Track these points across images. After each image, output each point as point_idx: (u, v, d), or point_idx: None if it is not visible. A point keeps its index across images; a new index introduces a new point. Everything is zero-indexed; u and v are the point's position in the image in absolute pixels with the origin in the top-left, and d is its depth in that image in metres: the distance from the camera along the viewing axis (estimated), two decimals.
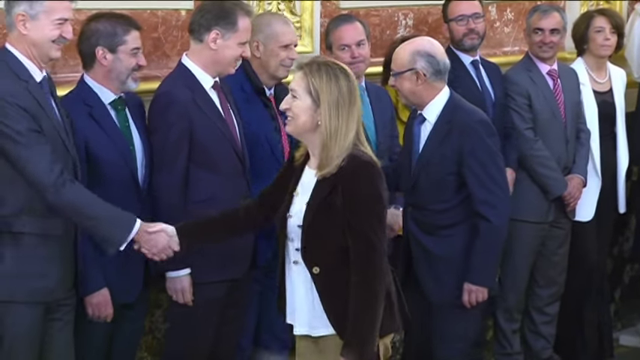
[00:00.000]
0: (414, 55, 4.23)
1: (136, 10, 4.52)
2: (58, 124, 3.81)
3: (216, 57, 4.29)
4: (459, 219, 4.30)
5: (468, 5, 5.39)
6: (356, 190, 3.46)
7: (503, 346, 5.79)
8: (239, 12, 4.31)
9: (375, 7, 5.40)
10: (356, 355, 3.45)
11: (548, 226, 5.64)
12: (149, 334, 4.67)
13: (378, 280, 3.48)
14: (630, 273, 6.69)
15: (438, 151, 4.27)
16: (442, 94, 4.30)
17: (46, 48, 3.81)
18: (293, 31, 4.68)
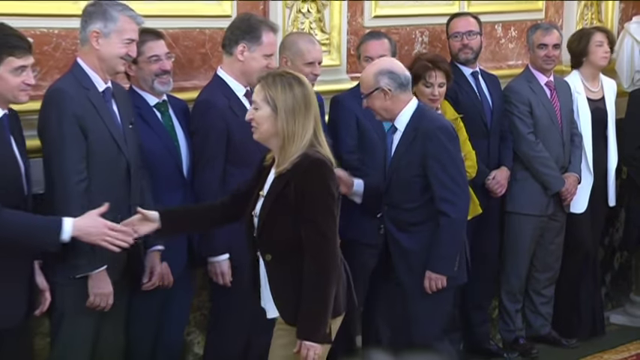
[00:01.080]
0: (377, 76, 4.18)
1: (187, 29, 4.53)
2: (115, 128, 3.84)
3: (244, 68, 4.30)
4: (427, 216, 4.22)
5: (464, 23, 5.37)
6: (308, 186, 3.40)
7: (507, 323, 5.78)
8: (264, 27, 4.32)
9: (395, 25, 5.38)
10: (310, 336, 3.39)
11: (547, 218, 5.63)
12: (197, 311, 4.66)
13: (330, 268, 3.42)
14: (620, 260, 6.66)
15: (406, 156, 4.21)
16: (410, 104, 4.23)
17: (114, 63, 3.84)
18: (318, 50, 4.62)
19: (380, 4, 5.34)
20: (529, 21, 5.99)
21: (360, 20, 5.25)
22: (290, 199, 3.40)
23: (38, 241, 3.54)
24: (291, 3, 4.88)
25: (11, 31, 3.54)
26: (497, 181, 5.39)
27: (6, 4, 3.94)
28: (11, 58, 3.47)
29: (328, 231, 3.43)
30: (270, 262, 3.49)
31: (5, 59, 3.46)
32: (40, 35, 4.08)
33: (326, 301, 3.40)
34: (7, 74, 3.47)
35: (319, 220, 3.41)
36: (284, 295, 3.48)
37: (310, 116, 3.44)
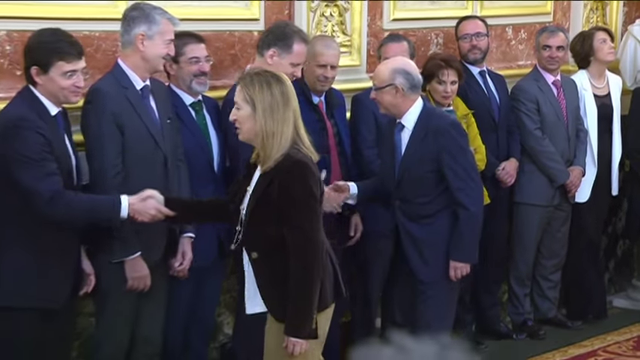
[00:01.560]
0: (393, 73, 4.09)
1: (218, 32, 4.57)
2: (152, 124, 3.88)
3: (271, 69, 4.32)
4: (438, 208, 4.16)
5: (472, 25, 5.37)
6: (290, 186, 3.30)
7: (515, 307, 5.78)
8: (296, 37, 4.32)
9: (411, 28, 5.39)
10: (296, 333, 3.32)
11: (553, 208, 5.63)
12: (227, 294, 4.70)
13: (313, 266, 3.33)
14: (622, 247, 6.64)
15: (418, 153, 4.14)
16: (417, 104, 4.15)
17: (157, 62, 3.89)
18: (332, 54, 4.54)
19: (398, 8, 5.34)
20: (538, 24, 5.98)
21: (379, 23, 5.26)
22: (273, 197, 3.31)
23: (102, 215, 3.61)
24: (314, 7, 4.90)
25: (64, 36, 3.58)
26: (506, 172, 5.39)
27: (51, 9, 3.98)
28: (61, 62, 3.52)
29: (313, 233, 3.34)
30: (256, 260, 3.39)
31: (56, 63, 3.51)
32: (83, 38, 4.10)
33: (310, 300, 3.32)
34: (57, 77, 3.52)
35: (305, 225, 3.32)
36: (271, 293, 3.39)
37: (289, 113, 3.33)
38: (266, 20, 4.70)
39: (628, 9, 6.59)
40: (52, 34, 3.58)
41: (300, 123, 3.39)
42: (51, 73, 3.51)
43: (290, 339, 3.32)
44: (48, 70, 3.51)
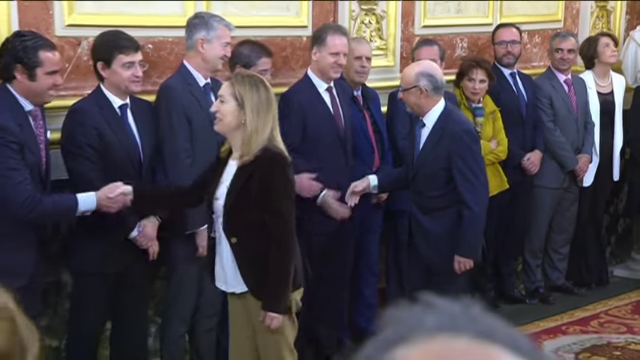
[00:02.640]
0: (418, 75, 3.93)
1: (271, 37, 4.58)
2: (212, 116, 3.91)
3: (318, 66, 4.31)
4: (447, 203, 3.99)
5: (509, 33, 5.32)
6: (270, 176, 3.19)
7: (529, 276, 5.74)
8: (329, 31, 4.31)
9: (439, 33, 5.35)
10: (274, 308, 3.22)
11: (563, 190, 5.58)
12: None
13: (290, 249, 3.25)
14: (623, 225, 6.56)
15: (433, 151, 3.99)
16: (439, 105, 3.98)
17: (215, 62, 3.91)
18: (365, 48, 4.56)
19: (428, 16, 5.30)
20: (550, 29, 5.91)
21: (412, 29, 5.23)
22: (253, 188, 3.19)
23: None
24: (355, 15, 4.88)
25: (122, 35, 3.63)
26: (531, 162, 5.35)
27: (132, 18, 4.00)
28: (121, 55, 3.56)
29: (289, 217, 3.25)
30: (236, 244, 3.25)
31: (117, 56, 3.55)
32: (158, 42, 4.15)
33: (286, 278, 3.23)
34: (119, 69, 3.55)
35: (283, 209, 3.22)
36: (251, 273, 3.26)
37: (270, 115, 3.21)
38: (313, 27, 4.68)
39: (630, 17, 6.50)
40: (111, 33, 3.63)
41: (277, 125, 3.28)
42: (113, 65, 3.54)
43: (268, 314, 3.21)
44: (111, 63, 3.54)
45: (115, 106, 3.62)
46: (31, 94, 3.33)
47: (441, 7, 5.35)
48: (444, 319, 0.72)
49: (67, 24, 3.83)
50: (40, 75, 3.30)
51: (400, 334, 0.71)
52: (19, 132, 3.26)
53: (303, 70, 4.66)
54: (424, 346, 0.70)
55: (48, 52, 3.33)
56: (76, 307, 3.70)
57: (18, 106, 3.31)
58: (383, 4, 4.97)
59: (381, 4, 4.96)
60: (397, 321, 0.73)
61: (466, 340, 0.70)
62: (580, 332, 5.17)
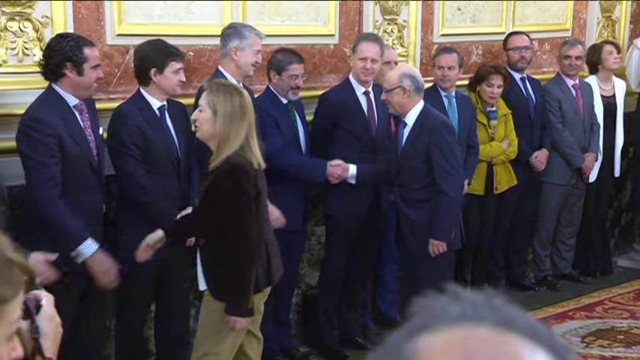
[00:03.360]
0: (402, 76, 3.89)
1: (302, 45, 4.57)
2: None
3: (354, 71, 4.29)
4: (430, 195, 3.90)
5: (521, 40, 5.27)
6: (225, 186, 3.03)
7: (538, 265, 5.69)
8: (360, 38, 4.31)
9: (456, 41, 5.31)
10: (235, 312, 3.10)
11: (570, 187, 5.52)
12: (307, 252, 4.70)
13: (247, 257, 3.07)
14: (625, 218, 6.48)
15: (414, 146, 3.92)
16: (419, 105, 3.93)
17: (247, 69, 3.90)
18: (391, 54, 4.53)
19: (445, 26, 5.26)
20: (559, 38, 5.84)
21: (431, 37, 5.20)
22: (215, 194, 3.07)
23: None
24: (379, 24, 4.86)
25: (167, 43, 3.64)
26: (538, 160, 5.30)
27: (176, 28, 4.02)
28: (173, 62, 3.57)
29: (245, 228, 3.06)
30: (203, 246, 3.16)
31: (169, 63, 3.56)
32: (198, 50, 4.16)
33: (246, 285, 3.09)
34: (170, 74, 3.57)
35: (238, 221, 3.05)
36: (211, 275, 3.17)
37: (244, 123, 3.05)
38: (340, 35, 4.67)
39: (634, 26, 6.41)
40: (159, 43, 3.63)
41: (253, 132, 3.11)
42: (165, 71, 3.55)
43: (230, 317, 3.10)
44: (163, 69, 3.55)
45: (154, 108, 3.63)
46: (79, 89, 3.36)
47: (458, 17, 5.31)
48: (467, 309, 0.70)
49: (117, 33, 3.85)
50: (87, 70, 3.33)
51: (424, 322, 0.70)
52: (61, 124, 3.28)
53: (330, 75, 4.66)
54: (446, 334, 0.68)
55: (90, 49, 3.37)
56: (125, 291, 3.71)
57: (62, 102, 3.34)
58: (404, 14, 4.95)
59: (403, 14, 4.94)
60: (423, 310, 0.71)
61: (486, 328, 0.68)
62: (586, 317, 5.12)
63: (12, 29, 3.48)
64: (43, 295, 1.22)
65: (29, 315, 1.18)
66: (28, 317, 1.18)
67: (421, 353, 0.67)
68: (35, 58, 3.52)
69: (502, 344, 0.67)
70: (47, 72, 3.33)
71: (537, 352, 0.67)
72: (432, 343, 0.68)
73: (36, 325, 1.18)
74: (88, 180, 3.37)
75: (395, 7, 4.90)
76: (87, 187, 3.37)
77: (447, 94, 4.75)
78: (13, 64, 3.51)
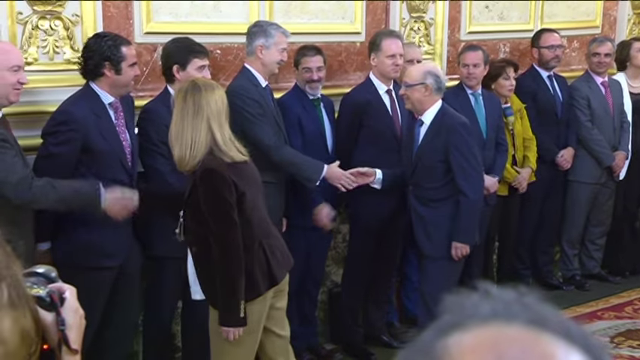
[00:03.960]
0: (426, 73, 3.81)
1: (328, 43, 4.56)
2: (273, 110, 3.92)
3: (379, 70, 4.28)
4: (445, 195, 3.84)
5: (555, 38, 5.22)
6: (202, 194, 2.90)
7: (566, 264, 5.63)
8: (382, 36, 4.26)
9: (483, 39, 5.27)
10: (226, 323, 2.99)
11: (600, 186, 5.46)
12: (333, 250, 4.69)
13: (231, 264, 2.92)
14: None
15: (431, 145, 3.84)
16: (436, 104, 3.86)
17: (273, 67, 3.91)
18: (415, 52, 4.52)
19: (473, 23, 5.23)
20: (589, 35, 5.78)
21: (457, 35, 5.17)
22: (194, 200, 2.95)
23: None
24: (405, 22, 4.84)
25: (194, 41, 3.66)
26: (564, 159, 5.25)
27: (203, 26, 4.03)
28: (196, 59, 3.59)
29: (226, 232, 2.92)
30: (195, 253, 3.05)
31: (192, 60, 3.58)
32: (225, 48, 4.17)
33: (233, 293, 2.95)
34: (193, 71, 3.58)
35: (220, 227, 2.92)
36: (206, 284, 3.06)
37: (199, 121, 2.89)
38: (366, 33, 4.66)
39: None
40: (183, 40, 3.66)
41: (221, 130, 2.93)
42: (188, 68, 3.57)
43: (223, 328, 3.01)
44: (186, 66, 3.57)
45: None
46: (117, 87, 3.40)
47: (485, 15, 5.28)
48: (499, 307, 0.69)
49: (146, 31, 3.88)
50: (124, 68, 3.37)
51: (456, 320, 0.69)
52: (91, 120, 3.30)
53: (356, 73, 4.65)
54: (477, 332, 0.67)
55: (127, 47, 3.41)
56: (154, 287, 3.75)
57: (97, 99, 3.37)
58: (431, 12, 4.93)
59: (430, 12, 4.92)
60: (454, 308, 0.70)
61: (518, 326, 0.67)
62: (615, 318, 5.06)
63: (43, 28, 3.52)
64: (65, 288, 1.23)
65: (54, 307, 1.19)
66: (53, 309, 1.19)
67: (452, 352, 0.67)
68: (65, 56, 3.57)
69: (534, 343, 0.66)
70: (86, 71, 3.38)
71: (571, 352, 0.66)
72: (463, 341, 0.67)
73: (61, 318, 1.18)
74: (117, 177, 3.40)
75: (422, 4, 4.88)
76: (117, 183, 3.39)
77: (472, 92, 4.72)
78: (44, 62, 3.55)
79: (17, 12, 3.45)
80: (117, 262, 3.42)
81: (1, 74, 3.04)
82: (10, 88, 3.08)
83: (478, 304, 0.69)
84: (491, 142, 4.67)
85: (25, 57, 3.46)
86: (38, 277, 1.22)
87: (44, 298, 1.18)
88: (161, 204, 3.55)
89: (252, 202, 3.03)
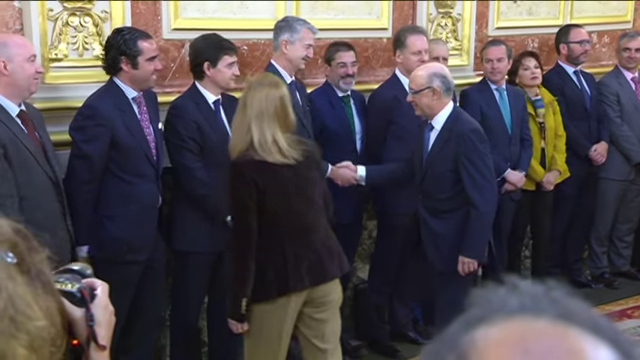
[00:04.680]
0: (431, 76, 3.59)
1: (355, 39, 4.55)
2: (299, 109, 3.91)
3: (404, 66, 4.26)
4: (456, 205, 3.62)
5: (583, 33, 5.16)
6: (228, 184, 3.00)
7: (595, 262, 5.57)
8: (406, 32, 4.24)
9: (511, 35, 5.23)
10: (230, 313, 3.08)
11: (628, 183, 5.38)
12: (359, 247, 4.68)
13: (240, 256, 2.98)
14: None
15: (441, 152, 3.63)
16: (448, 107, 3.64)
17: (297, 62, 3.91)
18: (442, 49, 4.48)
19: (501, 18, 5.19)
20: (619, 30, 5.70)
21: (485, 31, 5.13)
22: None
23: None
24: (433, 18, 4.81)
25: (223, 38, 3.67)
26: (598, 153, 5.19)
27: (230, 22, 4.05)
28: (226, 56, 3.60)
29: (242, 226, 2.98)
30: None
31: (222, 57, 3.59)
32: (252, 44, 4.19)
33: (237, 285, 3.00)
34: (223, 68, 3.60)
35: (237, 218, 3.02)
36: None
37: (245, 118, 2.97)
38: (393, 29, 4.64)
39: None
40: (213, 36, 3.67)
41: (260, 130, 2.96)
42: (219, 65, 3.58)
43: (228, 319, 3.09)
44: (217, 63, 3.58)
45: (210, 102, 3.66)
46: (136, 81, 3.42)
47: (513, 10, 5.23)
48: (526, 301, 0.69)
49: (173, 28, 3.90)
50: (141, 62, 3.38)
51: (483, 314, 0.69)
52: (116, 115, 3.33)
53: (383, 69, 4.63)
54: (503, 326, 0.67)
55: (145, 41, 3.41)
56: (180, 282, 3.77)
57: (121, 94, 3.40)
58: (459, 8, 4.89)
59: (457, 8, 4.89)
60: (481, 302, 0.70)
61: (545, 321, 0.67)
62: None
63: (73, 24, 3.56)
64: (98, 284, 1.23)
65: (84, 303, 1.19)
66: (82, 305, 1.19)
67: (478, 345, 0.67)
68: (95, 53, 3.61)
69: (562, 338, 0.66)
70: (106, 66, 3.42)
71: (599, 347, 0.66)
72: (490, 335, 0.67)
73: (91, 313, 1.19)
74: (143, 171, 3.43)
75: (449, 0, 4.84)
76: (142, 177, 3.43)
77: (497, 88, 4.69)
78: (74, 59, 3.59)
79: (48, 9, 3.49)
80: (144, 256, 3.46)
81: (22, 65, 3.08)
82: (31, 79, 3.13)
83: (505, 298, 0.69)
84: (516, 138, 4.65)
85: (55, 53, 3.51)
86: (73, 274, 1.23)
87: (75, 293, 1.19)
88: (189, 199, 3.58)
89: (282, 206, 3.00)
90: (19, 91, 3.10)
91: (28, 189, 3.04)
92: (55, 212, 3.17)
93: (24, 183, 3.03)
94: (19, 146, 3.04)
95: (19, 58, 3.08)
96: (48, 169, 3.15)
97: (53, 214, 3.16)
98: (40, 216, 2.99)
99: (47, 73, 3.50)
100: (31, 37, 3.43)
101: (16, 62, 3.06)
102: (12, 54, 3.07)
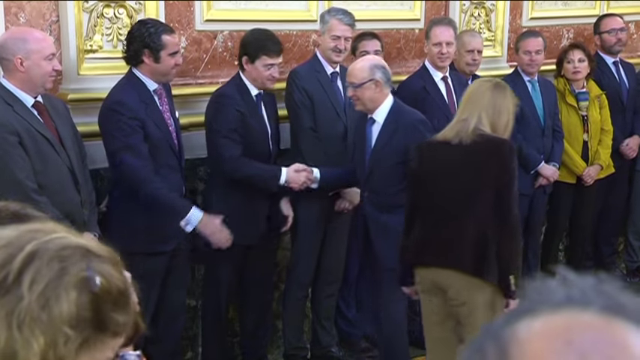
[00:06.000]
0: (373, 69, 3.49)
1: (387, 30, 4.54)
2: (335, 100, 3.91)
3: (429, 58, 4.25)
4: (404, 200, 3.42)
5: (616, 21, 5.07)
6: None
7: (630, 255, 5.49)
8: (432, 24, 4.25)
9: (546, 25, 5.17)
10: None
11: None
12: None
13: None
14: None
15: (388, 146, 3.51)
16: (389, 99, 3.56)
17: (328, 54, 3.91)
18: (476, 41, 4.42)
19: (535, 9, 5.14)
20: None
21: (519, 21, 5.08)
22: None
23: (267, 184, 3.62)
24: (466, 8, 4.78)
25: (271, 36, 3.64)
26: (630, 147, 5.11)
27: (261, 13, 4.05)
28: (265, 57, 3.58)
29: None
30: None
31: (261, 57, 3.58)
32: (284, 35, 4.17)
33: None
34: (260, 67, 3.59)
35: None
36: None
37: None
38: (425, 20, 4.62)
39: None
40: (262, 33, 3.65)
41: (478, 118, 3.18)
42: (256, 63, 3.58)
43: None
44: (254, 60, 3.58)
45: (253, 94, 3.67)
46: (157, 75, 3.41)
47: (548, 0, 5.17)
48: (574, 293, 0.68)
49: (206, 19, 3.92)
50: (164, 57, 3.37)
51: (530, 306, 0.69)
52: (142, 108, 3.35)
53: (415, 60, 4.62)
54: (548, 319, 0.67)
55: (169, 36, 3.40)
56: (212, 272, 3.80)
57: (143, 86, 3.40)
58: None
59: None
60: (530, 294, 0.70)
61: (592, 313, 0.66)
62: None
63: (107, 16, 3.59)
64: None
65: None
66: None
67: (520, 337, 0.66)
68: None
69: (607, 330, 0.65)
70: (128, 57, 3.41)
71: None
72: (533, 327, 0.67)
73: None
74: (169, 162, 3.46)
75: None
76: (169, 168, 3.45)
77: (530, 79, 4.64)
78: (108, 50, 3.62)
79: (83, 0, 3.52)
80: (171, 246, 3.48)
81: (39, 63, 3.07)
82: (47, 77, 3.12)
83: (553, 290, 0.69)
84: (549, 130, 4.60)
85: (90, 44, 3.54)
86: None
87: None
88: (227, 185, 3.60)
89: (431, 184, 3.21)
90: (33, 86, 3.10)
91: (45, 176, 3.05)
92: (72, 199, 3.19)
93: (41, 171, 3.04)
94: (35, 135, 3.03)
95: (36, 55, 3.06)
96: (65, 157, 3.14)
97: (70, 200, 3.18)
98: (57, 202, 3.02)
99: (82, 64, 3.53)
100: (67, 28, 3.47)
101: (33, 60, 3.05)
102: (30, 51, 3.04)
